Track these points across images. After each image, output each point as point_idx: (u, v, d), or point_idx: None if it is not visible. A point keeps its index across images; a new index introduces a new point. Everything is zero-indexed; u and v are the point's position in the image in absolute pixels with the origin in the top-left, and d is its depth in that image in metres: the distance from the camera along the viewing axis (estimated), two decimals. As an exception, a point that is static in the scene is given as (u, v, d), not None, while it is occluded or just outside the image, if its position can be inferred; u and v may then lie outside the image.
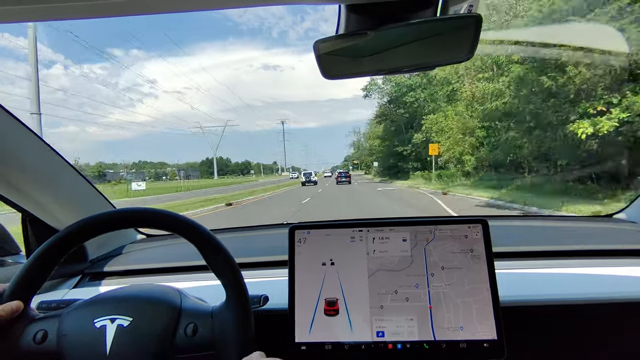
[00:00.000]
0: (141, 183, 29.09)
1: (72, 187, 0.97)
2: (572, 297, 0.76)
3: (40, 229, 0.94)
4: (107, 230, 0.61)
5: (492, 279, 0.67)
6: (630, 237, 1.04)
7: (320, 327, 0.67)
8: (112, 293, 0.64)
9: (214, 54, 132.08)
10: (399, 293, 0.68)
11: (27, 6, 0.43)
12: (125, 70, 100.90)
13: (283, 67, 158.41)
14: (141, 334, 0.57)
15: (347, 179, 26.42)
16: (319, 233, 0.72)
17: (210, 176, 64.80)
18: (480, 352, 0.64)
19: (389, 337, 0.66)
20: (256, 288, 0.69)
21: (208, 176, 71.33)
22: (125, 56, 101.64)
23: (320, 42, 0.50)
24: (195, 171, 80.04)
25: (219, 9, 0.48)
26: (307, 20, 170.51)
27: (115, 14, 0.47)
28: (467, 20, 0.48)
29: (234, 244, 0.77)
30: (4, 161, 0.78)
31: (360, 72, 0.56)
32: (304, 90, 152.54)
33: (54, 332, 0.57)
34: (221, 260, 0.60)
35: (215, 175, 54.07)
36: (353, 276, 0.69)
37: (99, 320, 0.57)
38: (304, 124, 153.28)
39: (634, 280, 0.81)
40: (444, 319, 0.66)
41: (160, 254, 1.13)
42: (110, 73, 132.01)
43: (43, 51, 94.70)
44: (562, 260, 0.90)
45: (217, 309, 0.60)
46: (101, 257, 1.06)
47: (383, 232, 0.71)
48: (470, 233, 0.70)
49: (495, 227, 0.71)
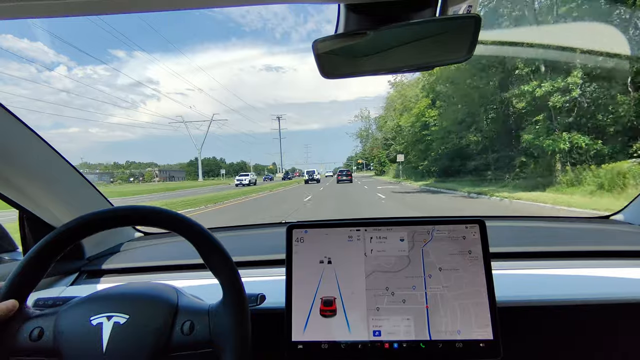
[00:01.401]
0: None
1: (69, 185, 0.97)
2: (568, 298, 0.76)
3: (37, 226, 0.93)
4: (104, 228, 0.61)
5: (488, 279, 0.67)
6: (626, 238, 1.04)
7: (317, 327, 0.67)
8: (109, 291, 0.64)
9: (216, 55, 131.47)
10: (396, 295, 0.68)
11: (25, 3, 0.43)
12: (128, 72, 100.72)
13: (286, 69, 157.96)
14: (138, 332, 0.57)
15: (348, 177, 27.44)
16: (316, 232, 0.72)
17: (196, 178, 58.71)
18: (476, 352, 0.64)
19: (385, 337, 0.66)
20: (253, 287, 0.69)
21: (195, 178, 65.23)
22: (127, 57, 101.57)
23: (320, 42, 0.50)
24: (182, 172, 75.20)
25: (219, 7, 0.48)
26: (309, 22, 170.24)
27: (114, 11, 0.47)
28: (466, 21, 0.48)
29: (232, 243, 0.77)
30: (2, 159, 0.77)
31: (359, 72, 0.56)
32: (306, 92, 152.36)
33: (50, 330, 0.57)
34: (218, 258, 0.60)
35: (200, 177, 47.00)
36: (350, 275, 0.69)
37: (95, 318, 0.57)
38: (306, 126, 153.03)
39: (630, 281, 0.81)
40: (442, 323, 0.65)
41: (158, 252, 1.13)
42: (112, 75, 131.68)
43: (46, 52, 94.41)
44: (559, 261, 0.90)
45: (214, 307, 0.60)
46: (98, 255, 1.06)
47: (380, 232, 0.71)
48: (468, 234, 0.70)
49: (493, 228, 0.72)
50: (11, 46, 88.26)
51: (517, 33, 11.44)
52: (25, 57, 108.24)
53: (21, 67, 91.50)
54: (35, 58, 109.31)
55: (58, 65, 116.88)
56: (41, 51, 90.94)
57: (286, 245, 0.71)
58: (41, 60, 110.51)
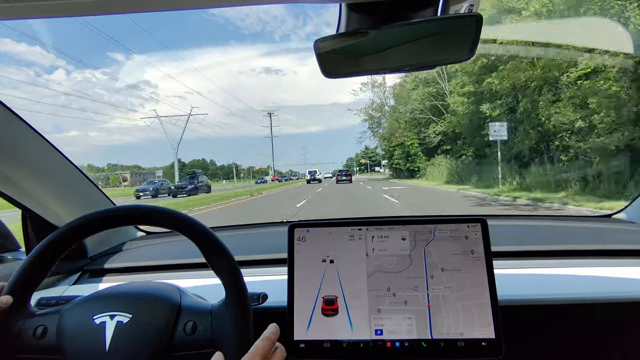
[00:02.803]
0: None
1: (72, 185, 0.97)
2: (571, 297, 0.76)
3: (40, 226, 0.94)
4: (107, 227, 0.62)
5: (490, 278, 0.67)
6: (629, 237, 1.04)
7: (319, 326, 0.67)
8: (112, 290, 0.64)
9: (215, 59, 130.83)
10: (398, 296, 0.67)
11: (25, 3, 0.43)
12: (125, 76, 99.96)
13: (285, 71, 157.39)
14: (140, 331, 0.57)
15: (348, 177, 26.85)
16: (318, 231, 0.72)
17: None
18: (478, 351, 0.64)
19: (387, 335, 0.66)
20: (255, 286, 0.69)
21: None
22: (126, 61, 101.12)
23: (321, 41, 0.50)
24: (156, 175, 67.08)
25: (218, 7, 0.48)
26: (309, 24, 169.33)
27: (114, 11, 0.47)
28: (467, 20, 0.48)
29: (234, 242, 0.77)
30: (5, 158, 0.78)
31: (360, 71, 0.56)
32: (306, 94, 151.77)
33: (53, 328, 0.58)
34: (220, 258, 0.60)
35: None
36: (352, 274, 0.69)
37: (98, 317, 0.58)
38: (305, 129, 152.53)
39: (633, 280, 0.81)
40: (444, 325, 0.65)
41: (160, 252, 1.13)
42: (110, 78, 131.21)
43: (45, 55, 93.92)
44: (561, 259, 0.90)
45: (217, 307, 0.61)
46: (101, 254, 1.06)
47: (382, 231, 0.71)
48: (471, 233, 0.70)
49: (495, 227, 0.72)
50: (9, 50, 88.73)
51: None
52: (24, 60, 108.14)
53: (19, 71, 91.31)
54: (34, 61, 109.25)
55: (57, 68, 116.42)
56: (40, 55, 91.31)
57: (288, 245, 0.71)
58: (40, 64, 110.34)
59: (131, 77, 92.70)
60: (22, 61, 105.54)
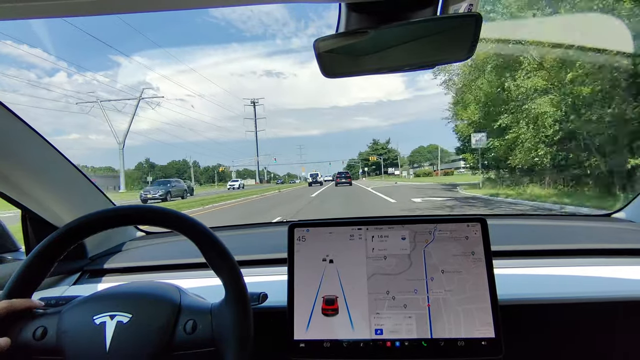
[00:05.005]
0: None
1: (72, 185, 0.97)
2: (570, 296, 0.76)
3: (39, 226, 0.94)
4: (106, 228, 0.62)
5: (490, 277, 0.67)
6: (628, 236, 1.04)
7: (319, 325, 0.67)
8: (112, 290, 0.64)
9: (216, 62, 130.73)
10: (397, 299, 0.67)
11: (25, 3, 0.43)
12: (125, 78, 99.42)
13: (286, 74, 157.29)
14: (141, 331, 0.57)
15: (347, 180, 26.76)
16: (318, 231, 0.72)
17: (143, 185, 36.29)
18: (478, 350, 0.64)
19: (387, 335, 0.66)
20: (255, 286, 0.69)
21: (140, 186, 42.37)
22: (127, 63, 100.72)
23: (320, 41, 0.49)
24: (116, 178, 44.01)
25: (218, 7, 0.48)
26: (310, 27, 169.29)
27: (114, 11, 0.47)
28: (467, 20, 0.48)
29: (234, 242, 0.77)
30: (4, 158, 0.78)
31: (360, 71, 0.56)
32: (307, 97, 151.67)
33: (53, 329, 0.58)
34: (220, 257, 0.60)
35: (121, 187, 27.51)
36: (352, 274, 0.69)
37: (98, 317, 0.57)
38: (306, 132, 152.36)
39: (633, 279, 0.81)
40: (444, 329, 0.65)
41: (160, 252, 1.13)
42: (112, 80, 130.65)
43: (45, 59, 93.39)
44: (561, 259, 0.90)
45: (217, 307, 0.61)
46: (101, 254, 1.06)
47: (382, 231, 0.71)
48: (470, 233, 0.70)
49: (494, 226, 0.72)
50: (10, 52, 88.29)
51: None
52: (25, 62, 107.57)
53: (19, 73, 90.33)
54: (35, 64, 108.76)
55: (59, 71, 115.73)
56: (40, 58, 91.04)
57: (288, 244, 0.71)
58: (41, 67, 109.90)
59: (131, 78, 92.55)
60: (22, 63, 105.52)
